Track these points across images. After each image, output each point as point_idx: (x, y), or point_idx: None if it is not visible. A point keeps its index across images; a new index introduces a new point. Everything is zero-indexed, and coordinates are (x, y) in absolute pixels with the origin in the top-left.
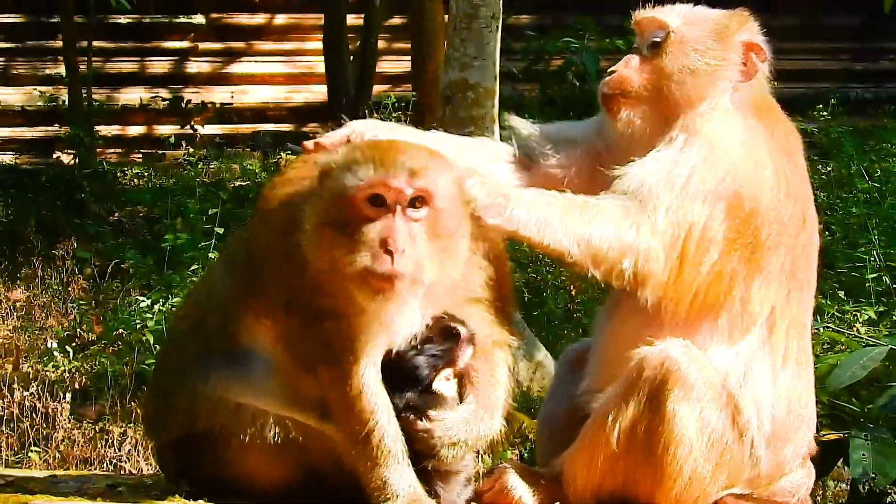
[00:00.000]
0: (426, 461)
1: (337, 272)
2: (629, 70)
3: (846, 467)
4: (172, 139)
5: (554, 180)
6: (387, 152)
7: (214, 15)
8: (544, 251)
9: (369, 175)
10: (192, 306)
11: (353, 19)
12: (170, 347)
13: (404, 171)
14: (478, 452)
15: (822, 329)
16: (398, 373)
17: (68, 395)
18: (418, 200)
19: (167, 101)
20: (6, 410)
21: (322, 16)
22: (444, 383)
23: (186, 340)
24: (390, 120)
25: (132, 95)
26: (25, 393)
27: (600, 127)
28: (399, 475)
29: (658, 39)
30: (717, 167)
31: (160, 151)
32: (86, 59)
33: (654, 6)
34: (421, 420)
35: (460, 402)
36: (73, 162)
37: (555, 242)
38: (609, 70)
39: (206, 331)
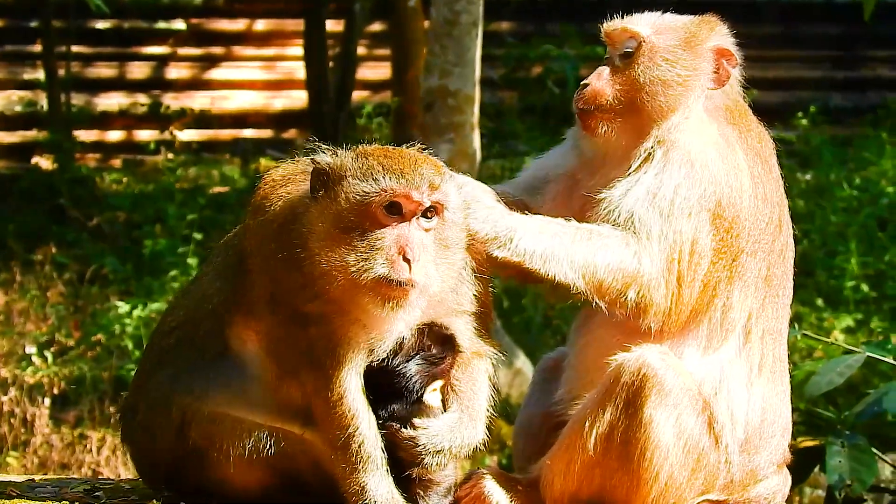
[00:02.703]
0: (409, 469)
1: (346, 277)
2: (601, 82)
3: (823, 473)
4: (152, 145)
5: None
6: (404, 163)
7: (194, 20)
8: (549, 282)
9: (392, 185)
10: (182, 317)
11: (333, 25)
12: (159, 360)
13: (425, 183)
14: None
15: (799, 336)
16: (385, 383)
17: (47, 400)
18: (430, 210)
19: (146, 107)
20: None
21: (302, 21)
22: (431, 394)
23: (177, 353)
24: (371, 126)
25: (111, 101)
26: (4, 398)
27: (572, 144)
28: (377, 481)
29: (630, 50)
30: (698, 182)
31: (139, 157)
32: (65, 63)
33: (623, 17)
34: (405, 428)
35: (444, 411)
36: (52, 167)
37: (560, 274)
38: (582, 83)
39: (198, 339)
